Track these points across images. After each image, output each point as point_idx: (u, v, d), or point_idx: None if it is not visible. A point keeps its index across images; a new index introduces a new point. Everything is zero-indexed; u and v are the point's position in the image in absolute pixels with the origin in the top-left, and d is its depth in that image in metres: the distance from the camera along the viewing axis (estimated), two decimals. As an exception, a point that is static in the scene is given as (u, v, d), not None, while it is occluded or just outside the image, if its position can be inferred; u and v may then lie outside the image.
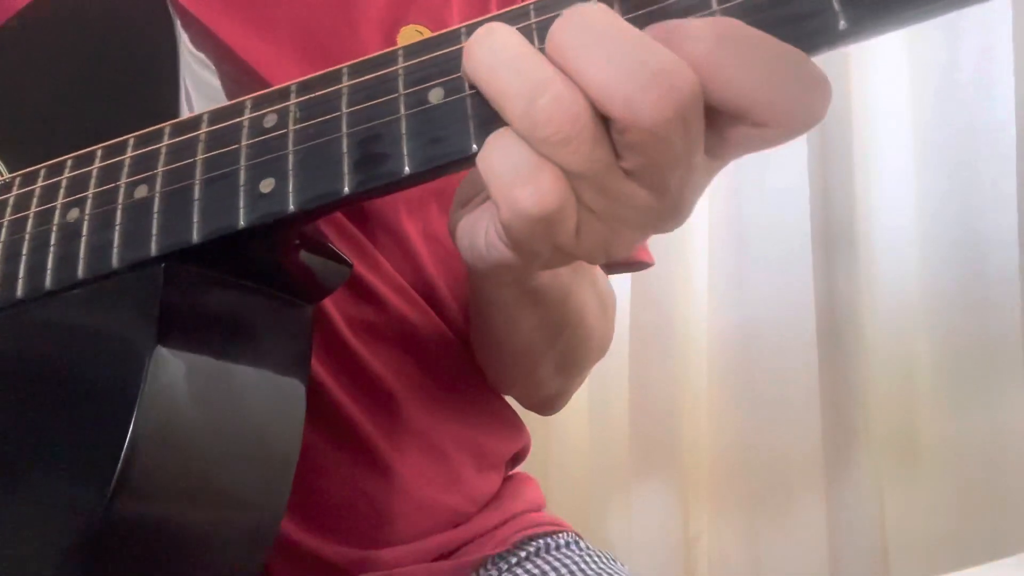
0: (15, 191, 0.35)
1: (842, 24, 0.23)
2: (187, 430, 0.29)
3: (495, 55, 0.25)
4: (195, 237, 0.29)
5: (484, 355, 0.52)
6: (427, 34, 0.48)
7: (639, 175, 0.25)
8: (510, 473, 0.59)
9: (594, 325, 0.50)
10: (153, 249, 0.29)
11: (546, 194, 0.25)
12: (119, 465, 0.26)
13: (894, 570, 0.99)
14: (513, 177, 0.25)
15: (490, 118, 0.25)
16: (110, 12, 0.39)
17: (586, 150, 0.24)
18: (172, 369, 0.28)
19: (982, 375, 0.94)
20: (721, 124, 0.25)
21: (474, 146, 0.26)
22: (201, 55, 0.36)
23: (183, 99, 0.33)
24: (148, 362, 0.27)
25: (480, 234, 0.30)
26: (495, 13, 0.27)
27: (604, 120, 0.24)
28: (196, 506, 0.30)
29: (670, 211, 0.27)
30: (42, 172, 0.34)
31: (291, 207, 0.27)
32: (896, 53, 0.97)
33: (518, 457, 0.59)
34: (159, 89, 0.34)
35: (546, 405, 0.57)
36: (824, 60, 0.24)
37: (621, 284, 1.04)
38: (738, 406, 1.03)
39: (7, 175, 0.36)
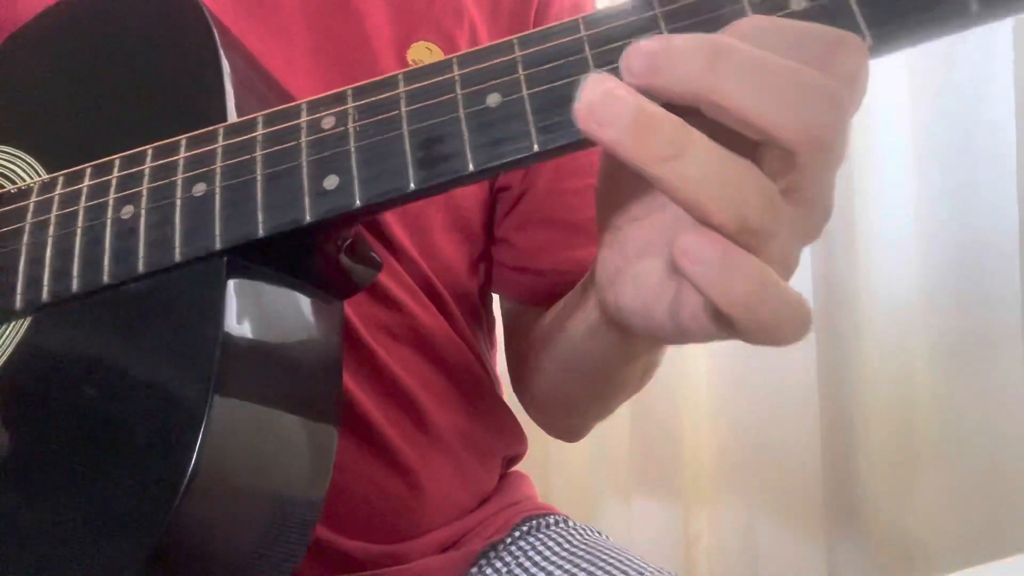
0: (59, 189, 0.35)
1: (975, 7, 0.24)
2: (249, 422, 0.30)
3: (701, 167, 0.23)
4: (260, 231, 0.30)
5: (560, 403, 0.53)
6: (436, 51, 0.50)
7: (799, 188, 0.25)
8: (507, 471, 0.60)
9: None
10: (218, 243, 0.30)
11: (770, 321, 0.24)
12: (194, 455, 0.27)
13: (894, 570, 1.00)
14: (746, 305, 0.24)
15: (550, 115, 0.27)
16: (141, 13, 0.39)
17: (773, 215, 0.24)
18: (237, 360, 0.29)
19: (981, 371, 0.94)
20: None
21: (535, 145, 0.27)
22: (237, 60, 0.36)
23: (229, 102, 0.34)
24: (216, 352, 0.28)
25: (663, 305, 0.29)
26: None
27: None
28: (253, 497, 0.31)
29: (822, 219, 0.27)
30: (88, 171, 0.35)
31: (357, 202, 0.28)
32: (895, 52, 0.97)
33: (515, 459, 0.61)
34: (203, 92, 0.35)
35: (579, 435, 0.58)
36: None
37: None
38: (738, 404, 1.03)
39: (46, 176, 0.37)
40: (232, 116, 0.33)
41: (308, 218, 0.29)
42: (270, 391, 0.31)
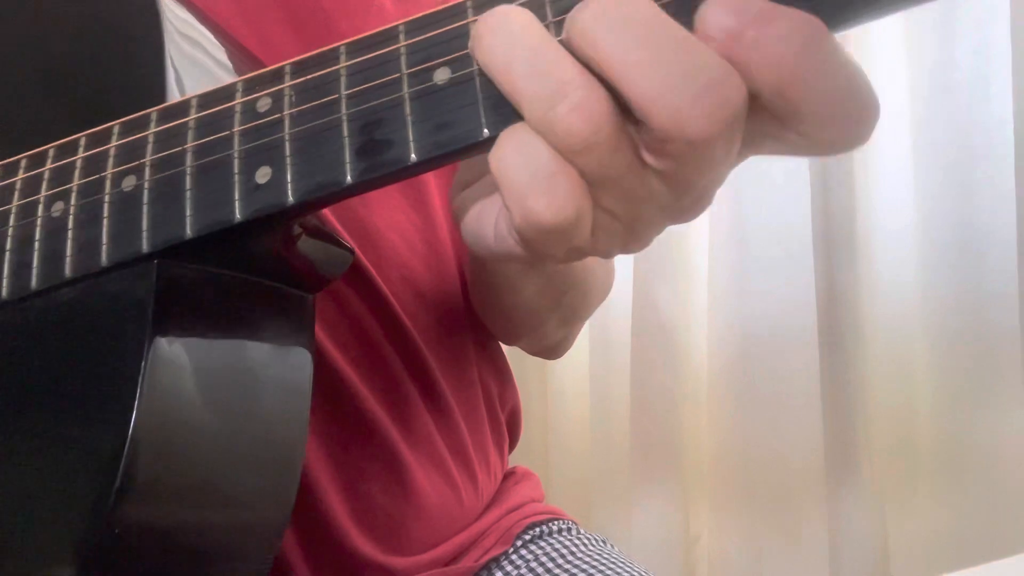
0: None
1: None
2: (188, 430, 0.28)
3: (510, 48, 0.23)
4: (188, 232, 0.27)
5: (486, 314, 0.51)
6: None
7: (666, 176, 0.24)
8: (511, 468, 0.59)
9: (595, 278, 0.50)
10: (144, 245, 0.28)
11: (562, 206, 0.23)
12: (120, 470, 0.25)
13: (895, 570, 0.98)
14: (528, 185, 0.23)
15: (502, 100, 0.24)
16: None
17: (606, 157, 0.23)
18: (169, 369, 0.27)
19: (981, 375, 0.93)
20: (764, 123, 0.23)
21: (485, 131, 0.24)
22: (186, 30, 0.33)
23: (170, 80, 0.31)
24: (144, 364, 0.26)
25: (488, 225, 0.28)
26: None
27: (628, 117, 0.23)
28: (202, 507, 0.29)
29: (692, 206, 0.25)
30: (23, 163, 0.32)
31: (290, 199, 0.26)
32: (893, 52, 0.97)
33: (512, 442, 0.59)
34: (143, 70, 0.32)
35: (551, 352, 0.57)
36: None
37: (622, 285, 1.03)
38: (739, 407, 1.02)
39: None
40: (171, 95, 0.30)
41: (238, 216, 0.26)
42: (213, 404, 0.28)
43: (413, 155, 0.24)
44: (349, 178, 0.25)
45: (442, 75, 0.24)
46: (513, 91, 0.23)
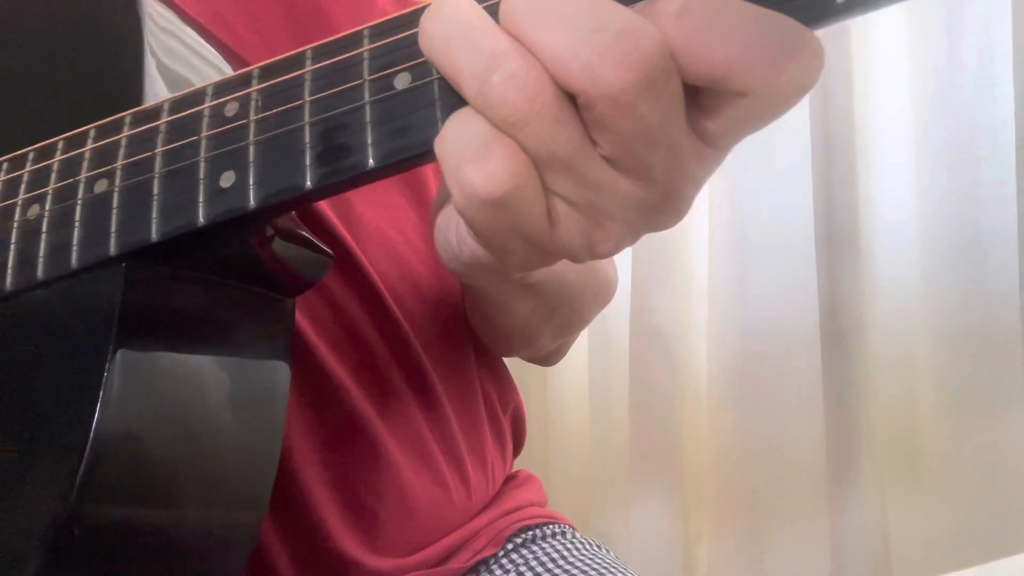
0: None
1: None
2: (152, 433, 0.28)
3: (447, 28, 0.23)
4: (154, 235, 0.27)
5: (480, 330, 0.51)
6: None
7: (617, 160, 0.23)
8: (515, 472, 0.58)
9: (588, 291, 0.49)
10: (112, 248, 0.28)
11: (495, 174, 0.22)
12: (80, 470, 0.25)
13: (896, 570, 0.98)
14: (462, 155, 0.22)
15: (458, 104, 0.24)
16: None
17: (547, 131, 0.22)
18: (134, 372, 0.27)
19: (983, 374, 0.93)
20: (703, 101, 0.23)
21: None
22: (167, 35, 0.34)
23: (147, 84, 0.31)
24: (107, 366, 0.26)
25: (452, 230, 0.28)
26: None
27: (572, 99, 0.22)
28: (165, 510, 0.29)
29: (661, 203, 0.24)
30: (4, 166, 0.33)
31: (251, 203, 0.26)
32: (898, 53, 0.96)
33: (517, 445, 0.58)
34: (123, 73, 0.32)
35: (546, 360, 0.57)
36: (826, 60, 0.22)
37: (621, 284, 1.02)
38: (740, 406, 1.02)
39: None
40: (147, 99, 0.31)
41: (202, 220, 0.26)
42: (181, 406, 0.28)
43: (371, 161, 0.24)
44: (309, 183, 0.25)
45: (402, 81, 0.24)
46: (453, 72, 0.23)
